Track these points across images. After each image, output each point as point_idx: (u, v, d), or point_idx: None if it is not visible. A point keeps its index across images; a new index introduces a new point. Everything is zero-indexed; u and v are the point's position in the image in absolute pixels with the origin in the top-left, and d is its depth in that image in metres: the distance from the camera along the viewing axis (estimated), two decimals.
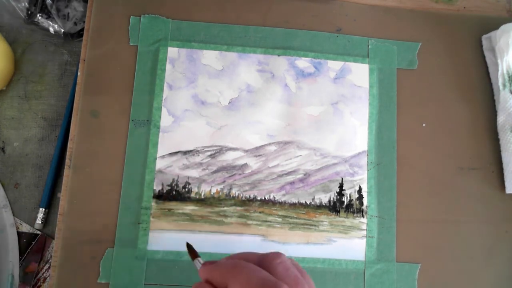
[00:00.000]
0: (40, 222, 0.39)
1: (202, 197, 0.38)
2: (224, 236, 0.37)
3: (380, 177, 0.39)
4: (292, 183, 0.39)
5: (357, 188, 0.39)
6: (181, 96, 0.39)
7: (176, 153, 0.39)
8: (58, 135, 0.41)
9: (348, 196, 0.39)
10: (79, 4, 0.42)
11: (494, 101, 0.41)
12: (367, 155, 0.40)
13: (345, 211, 0.39)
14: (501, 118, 0.40)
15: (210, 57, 0.40)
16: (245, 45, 0.41)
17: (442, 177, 0.40)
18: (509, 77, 0.40)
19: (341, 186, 0.39)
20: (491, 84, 0.42)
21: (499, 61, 0.40)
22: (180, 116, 0.39)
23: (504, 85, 0.40)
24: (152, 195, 0.37)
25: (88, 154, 0.38)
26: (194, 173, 0.38)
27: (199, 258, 0.28)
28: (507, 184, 0.39)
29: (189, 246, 0.30)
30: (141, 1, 0.41)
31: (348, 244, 0.38)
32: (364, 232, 0.38)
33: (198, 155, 0.39)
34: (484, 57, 0.42)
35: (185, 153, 0.39)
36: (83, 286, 0.35)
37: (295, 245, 0.38)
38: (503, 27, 0.41)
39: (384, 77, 0.41)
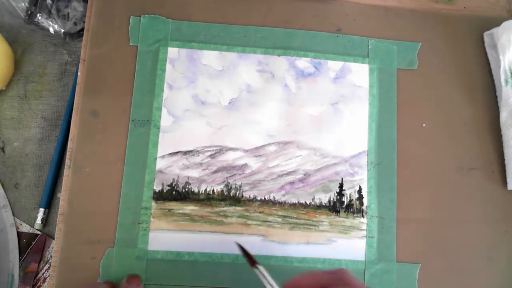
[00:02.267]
0: (40, 222, 0.39)
1: (202, 197, 0.38)
2: (224, 236, 0.37)
3: (380, 177, 0.39)
4: (292, 183, 0.39)
5: (357, 188, 0.39)
6: (181, 96, 0.39)
7: (176, 153, 0.39)
8: (58, 135, 0.41)
9: (348, 196, 0.39)
10: (79, 4, 0.42)
11: (496, 98, 0.41)
12: (367, 155, 0.40)
13: (345, 211, 0.39)
14: (504, 114, 0.40)
15: (210, 57, 0.40)
16: (245, 45, 0.41)
17: (442, 177, 0.40)
18: (511, 73, 0.40)
19: (341, 186, 0.39)
20: (493, 81, 0.42)
21: (501, 57, 0.40)
22: (180, 116, 0.39)
23: (506, 81, 0.40)
24: (152, 195, 0.37)
25: (88, 154, 0.38)
26: (194, 173, 0.38)
27: (260, 267, 0.29)
28: (509, 180, 0.39)
29: (243, 250, 0.31)
30: (141, 1, 0.41)
31: (348, 244, 0.38)
32: (364, 232, 0.38)
33: (198, 155, 0.39)
34: (484, 56, 0.42)
35: (185, 153, 0.39)
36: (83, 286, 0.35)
37: (295, 245, 0.38)
38: (505, 23, 0.41)
39: (384, 77, 0.41)
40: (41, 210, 0.39)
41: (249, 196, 0.38)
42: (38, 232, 0.39)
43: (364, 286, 0.26)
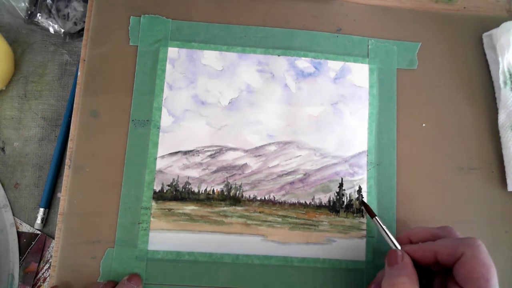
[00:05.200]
0: (40, 222, 0.39)
1: (202, 197, 0.38)
2: (224, 236, 0.37)
3: (380, 177, 0.39)
4: (292, 183, 0.39)
5: (357, 188, 0.39)
6: (181, 96, 0.39)
7: (176, 153, 0.39)
8: (58, 135, 0.41)
9: (348, 196, 0.39)
10: (79, 4, 0.42)
11: (495, 99, 0.41)
12: (367, 155, 0.40)
13: (345, 211, 0.39)
14: (502, 116, 0.40)
15: (210, 57, 0.40)
16: (245, 45, 0.41)
17: (442, 177, 0.40)
18: (510, 74, 0.40)
19: (341, 186, 0.39)
20: (492, 82, 0.42)
21: (500, 58, 0.40)
22: (180, 116, 0.39)
23: (505, 83, 0.40)
24: (152, 195, 0.37)
25: (88, 154, 0.38)
26: (194, 173, 0.38)
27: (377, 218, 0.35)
28: (508, 182, 0.39)
29: (365, 205, 0.38)
30: (141, 1, 0.41)
31: (348, 244, 0.38)
32: (364, 232, 0.38)
33: (198, 155, 0.39)
34: (484, 56, 0.42)
35: (185, 153, 0.39)
36: (83, 286, 0.35)
37: (295, 245, 0.38)
38: (504, 24, 0.41)
39: (384, 77, 0.41)
40: (41, 210, 0.39)
41: (249, 196, 0.38)
42: (38, 232, 0.39)
43: (472, 237, 0.30)
